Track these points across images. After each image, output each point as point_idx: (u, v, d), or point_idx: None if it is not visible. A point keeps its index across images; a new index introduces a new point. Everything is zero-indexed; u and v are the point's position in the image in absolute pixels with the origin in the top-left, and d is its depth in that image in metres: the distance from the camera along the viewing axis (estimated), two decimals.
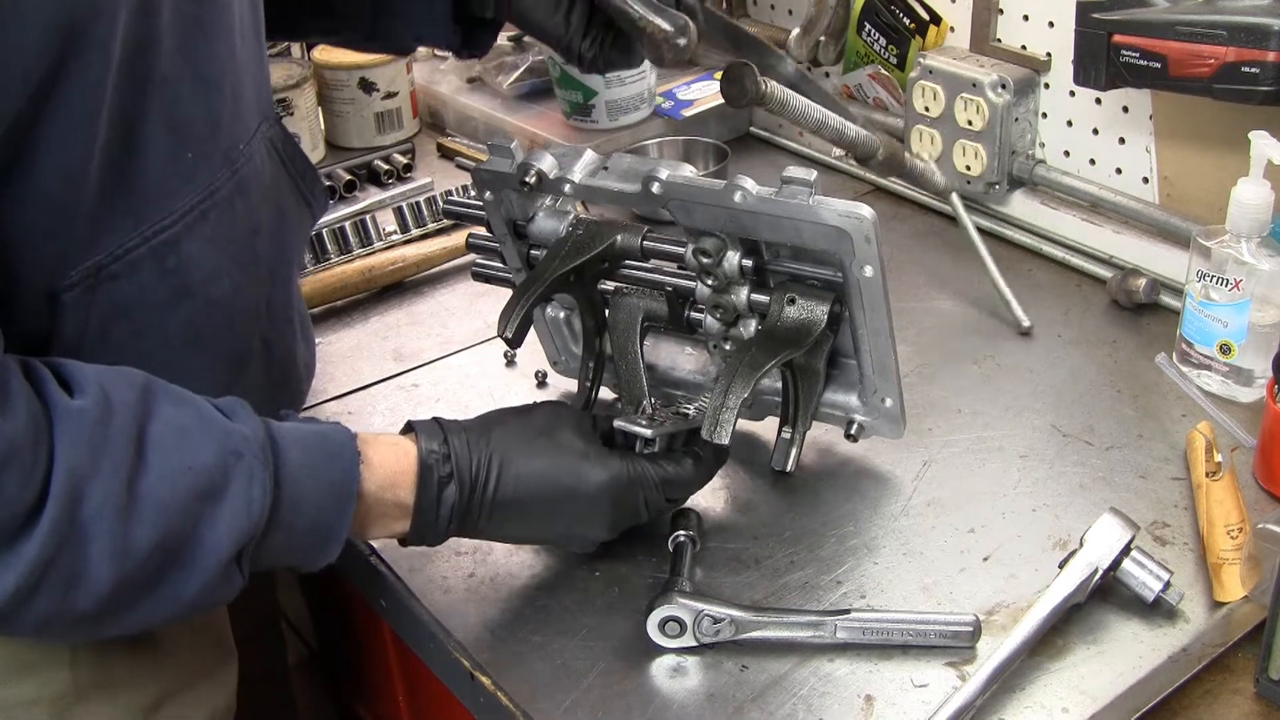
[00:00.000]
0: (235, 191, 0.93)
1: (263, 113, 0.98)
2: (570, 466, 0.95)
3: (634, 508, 0.98)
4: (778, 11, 1.73)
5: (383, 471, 0.90)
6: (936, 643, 0.93)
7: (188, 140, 0.88)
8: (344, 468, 0.87)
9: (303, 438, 0.86)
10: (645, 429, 0.99)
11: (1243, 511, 1.01)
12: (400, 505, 0.91)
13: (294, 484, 0.84)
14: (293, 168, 1.03)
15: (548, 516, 0.96)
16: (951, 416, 1.19)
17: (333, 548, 0.88)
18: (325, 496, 0.86)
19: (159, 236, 0.87)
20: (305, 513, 0.85)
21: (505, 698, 0.92)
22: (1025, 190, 1.46)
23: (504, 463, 0.94)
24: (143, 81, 0.82)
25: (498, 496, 0.93)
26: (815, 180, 0.97)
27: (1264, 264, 1.12)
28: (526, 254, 1.17)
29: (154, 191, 0.86)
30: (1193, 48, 1.15)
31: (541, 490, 0.95)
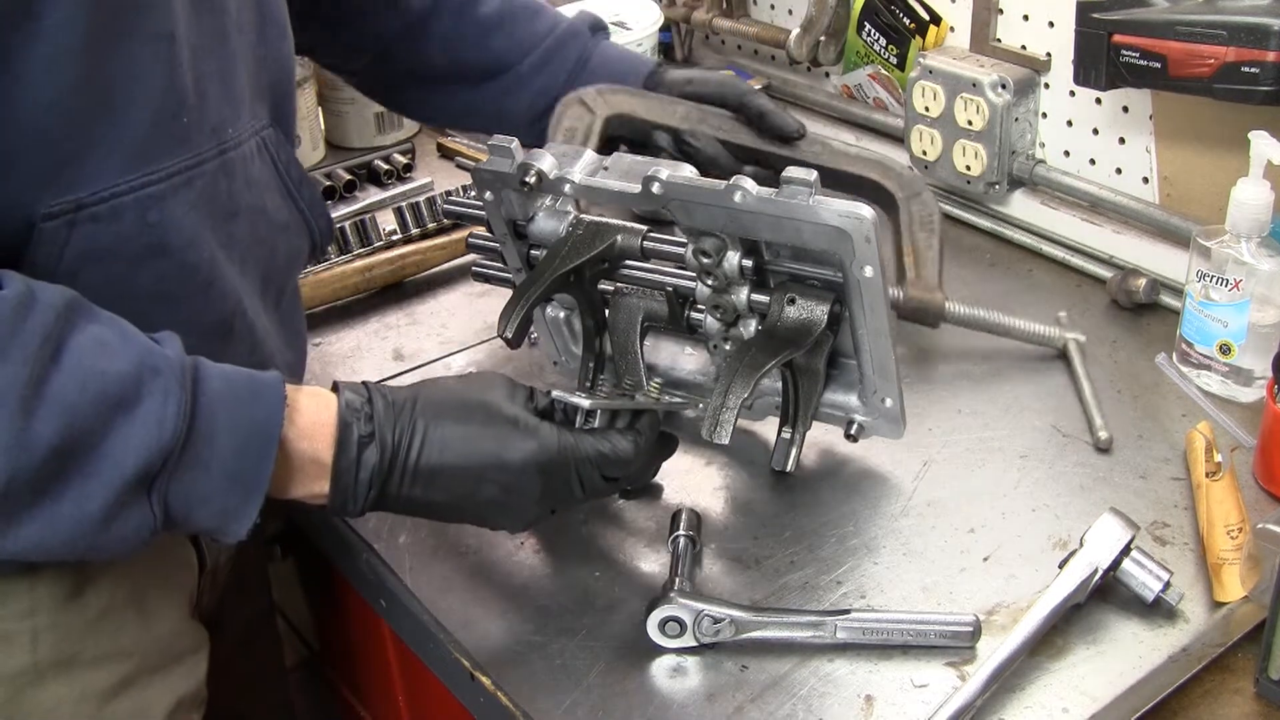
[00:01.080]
0: (220, 170, 0.94)
1: (258, 113, 0.99)
2: (498, 433, 0.92)
3: (566, 482, 0.95)
4: (778, 11, 1.73)
5: (302, 420, 0.87)
6: (936, 643, 0.93)
7: (183, 106, 0.89)
8: (268, 409, 0.85)
9: (230, 373, 0.85)
10: (583, 399, 0.96)
11: (1243, 511, 1.01)
12: (318, 461, 0.88)
13: (212, 416, 0.82)
14: (288, 177, 1.03)
15: (473, 486, 0.92)
16: (951, 416, 1.19)
17: (253, 498, 0.84)
18: (246, 436, 0.84)
19: (146, 189, 0.87)
20: (223, 450, 0.82)
21: (505, 698, 0.92)
22: (1025, 190, 1.46)
23: (429, 426, 0.90)
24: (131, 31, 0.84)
25: (421, 461, 0.90)
26: (815, 180, 0.97)
27: (1264, 264, 1.12)
28: (526, 254, 1.17)
29: (144, 143, 0.87)
30: (1193, 48, 1.15)
31: (466, 457, 0.91)
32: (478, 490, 0.92)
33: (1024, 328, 1.24)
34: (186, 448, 0.80)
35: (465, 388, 0.95)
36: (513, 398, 0.95)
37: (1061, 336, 1.24)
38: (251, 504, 0.84)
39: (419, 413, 0.91)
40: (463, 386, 0.96)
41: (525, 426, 0.93)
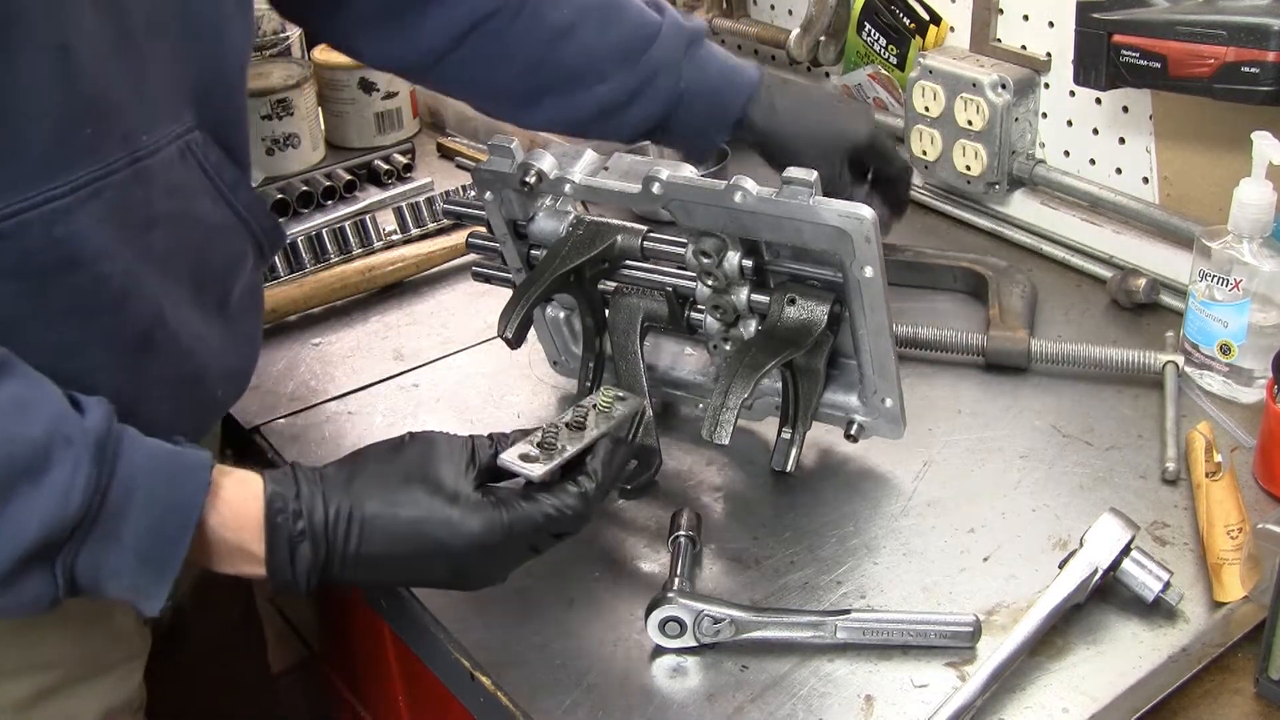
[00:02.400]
0: (134, 179, 0.91)
1: (180, 117, 0.96)
2: (439, 518, 0.87)
3: (517, 553, 0.92)
4: (778, 11, 1.73)
5: (227, 510, 0.84)
6: (936, 643, 0.93)
7: (87, 116, 0.87)
8: (188, 491, 0.82)
9: (156, 450, 0.83)
10: (533, 470, 0.90)
11: (1243, 511, 1.01)
12: (248, 553, 0.85)
13: (129, 491, 0.80)
14: (219, 180, 1.00)
15: (420, 570, 0.90)
16: (951, 416, 1.19)
17: (165, 578, 0.81)
18: (161, 516, 0.81)
19: (50, 204, 0.85)
20: (137, 528, 0.80)
21: (505, 698, 0.92)
22: (1025, 190, 1.46)
23: (365, 518, 0.86)
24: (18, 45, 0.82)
25: (361, 552, 0.86)
26: (815, 181, 0.97)
27: (1266, 265, 1.12)
28: (526, 254, 1.17)
29: (45, 157, 0.85)
30: (1193, 48, 1.15)
31: (408, 546, 0.87)
32: (425, 573, 0.90)
33: (1119, 358, 1.20)
34: (97, 521, 0.78)
35: (402, 462, 0.90)
36: (455, 467, 0.90)
37: (1159, 361, 1.20)
38: (162, 584, 0.82)
39: (354, 499, 0.87)
40: (401, 461, 0.90)
41: (468, 507, 0.88)
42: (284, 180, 1.65)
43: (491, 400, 1.27)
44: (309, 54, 1.82)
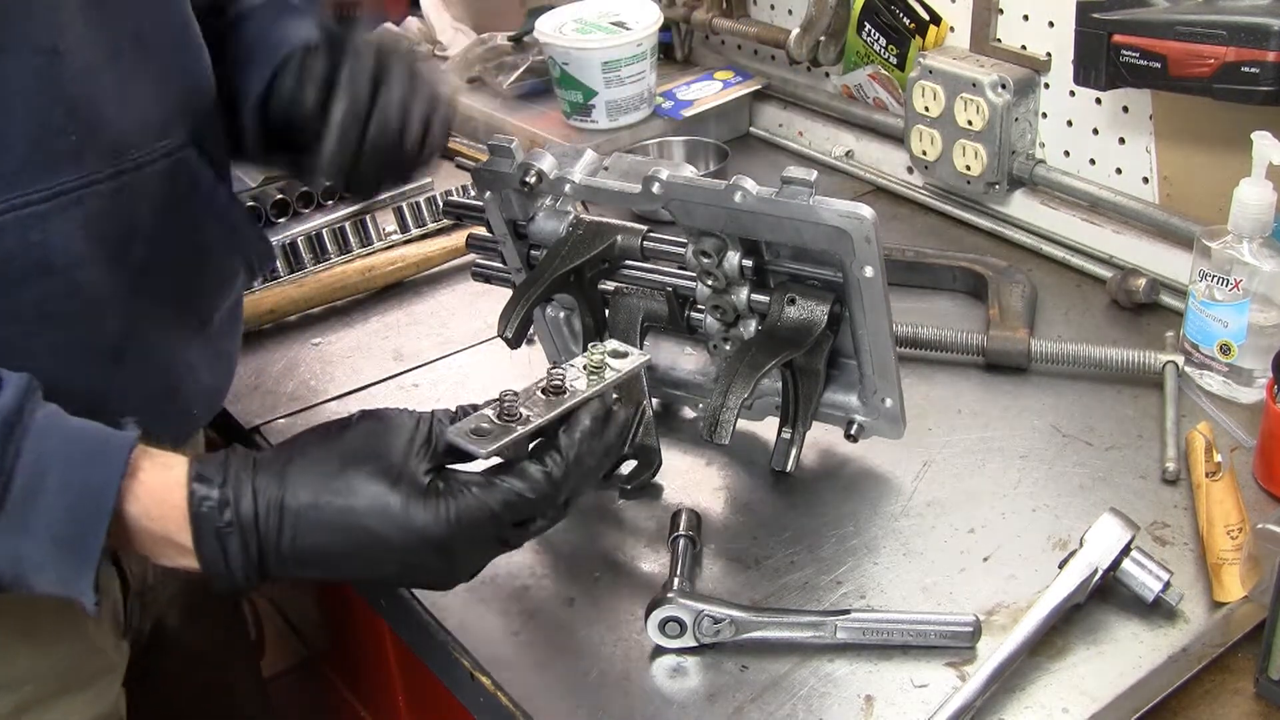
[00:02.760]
0: (118, 191, 0.90)
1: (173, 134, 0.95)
2: (378, 508, 0.78)
3: (481, 549, 0.83)
4: (778, 11, 1.73)
5: (150, 498, 0.78)
6: (936, 643, 0.93)
7: (71, 122, 0.86)
8: (103, 476, 0.76)
9: (74, 432, 0.77)
10: (479, 445, 0.80)
11: (1243, 511, 1.01)
12: (176, 544, 0.79)
13: (40, 475, 0.74)
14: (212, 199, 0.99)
15: (364, 566, 0.81)
16: (951, 416, 1.19)
17: (86, 569, 0.76)
18: (75, 501, 0.75)
19: (28, 208, 0.84)
20: (51, 514, 0.75)
21: (505, 698, 0.92)
22: (1025, 190, 1.46)
23: (298, 509, 0.78)
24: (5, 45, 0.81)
25: (297, 546, 0.78)
26: (815, 180, 0.97)
27: (1266, 264, 1.12)
28: (526, 254, 1.17)
29: (25, 160, 0.84)
30: (1193, 48, 1.15)
31: (346, 539, 0.79)
32: (372, 569, 0.81)
33: (1119, 358, 1.20)
34: (3, 506, 0.74)
35: (344, 444, 0.82)
36: (405, 448, 0.81)
37: (1159, 361, 1.19)
38: (84, 575, 0.76)
39: (286, 487, 0.79)
40: (342, 442, 0.82)
41: (412, 492, 0.79)
42: (284, 180, 1.65)
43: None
44: None
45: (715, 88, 1.73)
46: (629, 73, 1.63)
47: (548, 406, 0.84)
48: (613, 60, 1.61)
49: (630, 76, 1.63)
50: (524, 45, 1.83)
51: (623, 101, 1.65)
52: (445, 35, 1.99)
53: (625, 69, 1.62)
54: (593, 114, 1.66)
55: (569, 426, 0.84)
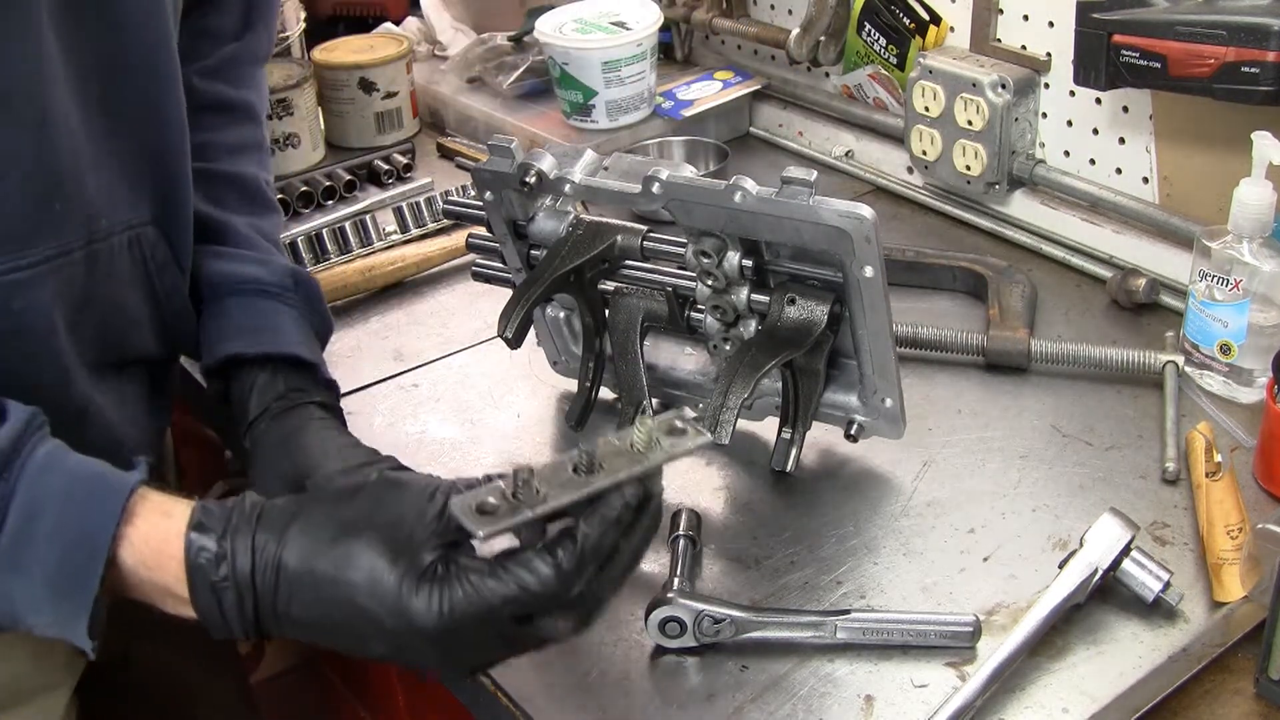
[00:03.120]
0: (85, 260, 0.92)
1: (137, 209, 0.97)
2: (371, 589, 0.72)
3: (481, 645, 0.75)
4: (778, 11, 1.73)
5: (146, 547, 0.75)
6: (936, 643, 0.93)
7: (57, 191, 0.88)
8: (98, 521, 0.74)
9: (75, 470, 0.76)
10: (479, 525, 0.71)
11: (1243, 511, 1.01)
12: (174, 595, 0.76)
13: (36, 516, 0.72)
14: (157, 280, 1.00)
15: (356, 642, 0.75)
16: (951, 416, 1.19)
17: (80, 614, 0.73)
18: (70, 545, 0.73)
19: (12, 275, 0.86)
20: (45, 556, 0.73)
21: (505, 698, 0.92)
22: (1025, 190, 1.46)
23: (294, 574, 0.74)
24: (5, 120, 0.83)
25: (290, 612, 0.74)
26: (815, 180, 0.97)
27: (1266, 265, 1.12)
28: (526, 254, 1.17)
29: (13, 229, 0.86)
30: (1193, 48, 1.15)
31: (337, 613, 0.74)
32: (365, 647, 0.76)
33: (1119, 358, 1.20)
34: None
35: (353, 508, 0.77)
36: (415, 521, 0.75)
37: (1159, 361, 1.19)
38: (79, 620, 0.73)
39: (284, 547, 0.74)
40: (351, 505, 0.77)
41: (410, 574, 0.72)
42: (284, 180, 1.65)
43: (491, 400, 1.26)
44: (309, 54, 1.82)
45: (715, 88, 1.73)
46: (629, 73, 1.63)
47: (570, 487, 0.73)
48: (613, 60, 1.61)
49: (630, 76, 1.63)
50: (524, 45, 1.83)
51: (623, 101, 1.65)
52: (445, 35, 1.99)
53: (625, 69, 1.62)
54: (593, 114, 1.66)
55: (591, 513, 0.74)
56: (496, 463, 1.17)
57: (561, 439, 1.20)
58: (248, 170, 1.18)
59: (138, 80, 0.96)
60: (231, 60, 1.17)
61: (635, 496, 0.75)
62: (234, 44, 1.17)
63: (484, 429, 1.22)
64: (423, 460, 1.11)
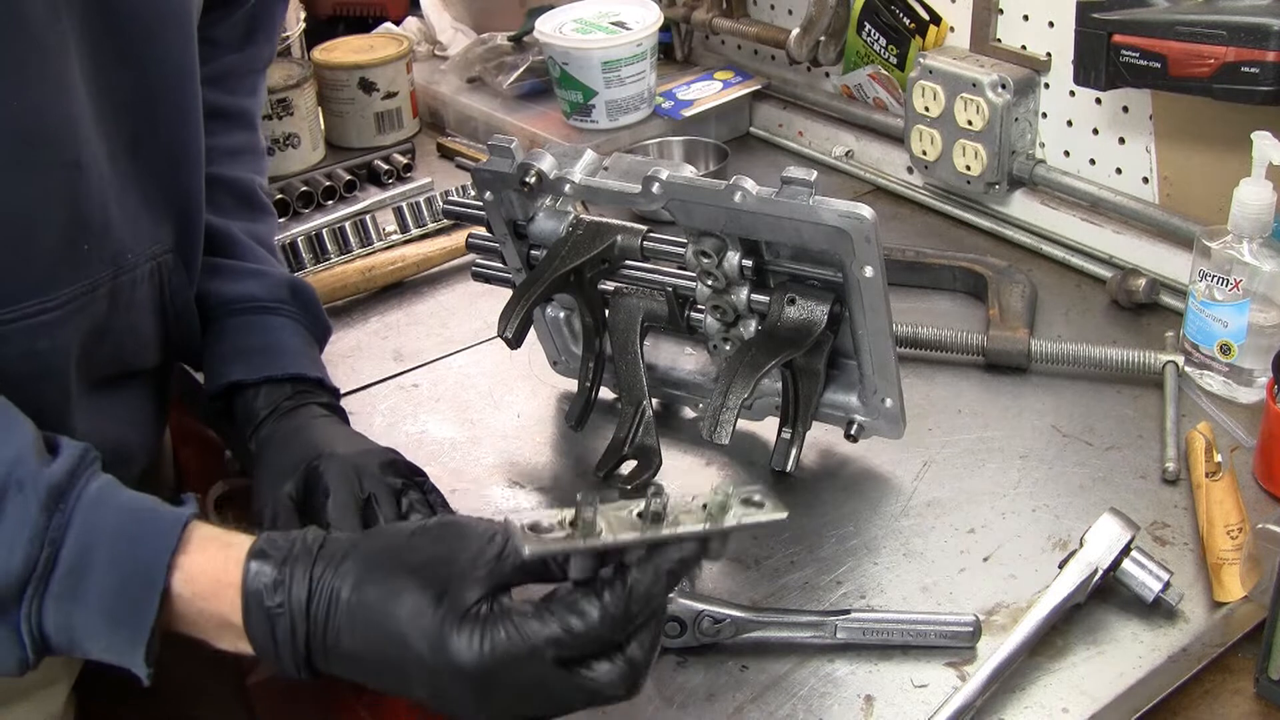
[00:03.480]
0: (108, 295, 0.94)
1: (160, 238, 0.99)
2: (415, 625, 0.71)
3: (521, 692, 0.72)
4: (778, 11, 1.73)
5: (204, 578, 0.75)
6: (936, 643, 0.93)
7: (86, 233, 0.89)
8: (153, 553, 0.75)
9: (128, 504, 0.77)
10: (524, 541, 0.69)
11: (1243, 511, 1.01)
12: (231, 626, 0.75)
13: (89, 548, 0.73)
14: (170, 305, 1.02)
15: (399, 683, 0.74)
16: (951, 416, 1.19)
17: (138, 644, 0.74)
18: (126, 577, 0.74)
19: (40, 316, 0.87)
20: (101, 588, 0.73)
21: None
22: (1025, 190, 1.46)
23: (346, 608, 0.73)
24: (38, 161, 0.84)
25: (341, 646, 0.74)
26: (815, 180, 0.97)
27: (1266, 265, 1.12)
28: (526, 254, 1.17)
29: (45, 271, 0.87)
30: (1193, 48, 1.15)
31: (383, 649, 0.73)
32: (408, 686, 0.74)
33: (1119, 358, 1.20)
34: (52, 576, 0.73)
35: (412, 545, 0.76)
36: (470, 561, 0.73)
37: (1159, 361, 1.19)
38: (136, 649, 0.74)
39: (342, 578, 0.74)
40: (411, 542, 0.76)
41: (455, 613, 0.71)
42: (284, 180, 1.65)
43: (491, 400, 1.26)
44: (309, 54, 1.82)
45: (715, 88, 1.73)
46: (629, 73, 1.63)
47: (631, 529, 0.70)
48: (613, 60, 1.61)
49: (630, 76, 1.63)
50: (524, 45, 1.83)
51: (623, 101, 1.65)
52: (445, 35, 1.99)
53: (625, 69, 1.62)
54: (593, 114, 1.66)
55: (646, 561, 0.71)
56: (497, 463, 1.17)
57: (561, 439, 1.20)
58: (243, 175, 1.20)
59: (165, 116, 0.98)
60: (232, 70, 1.19)
61: (694, 555, 0.73)
62: (235, 54, 1.19)
63: (484, 429, 1.22)
64: (422, 460, 1.10)
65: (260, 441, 1.06)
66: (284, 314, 1.13)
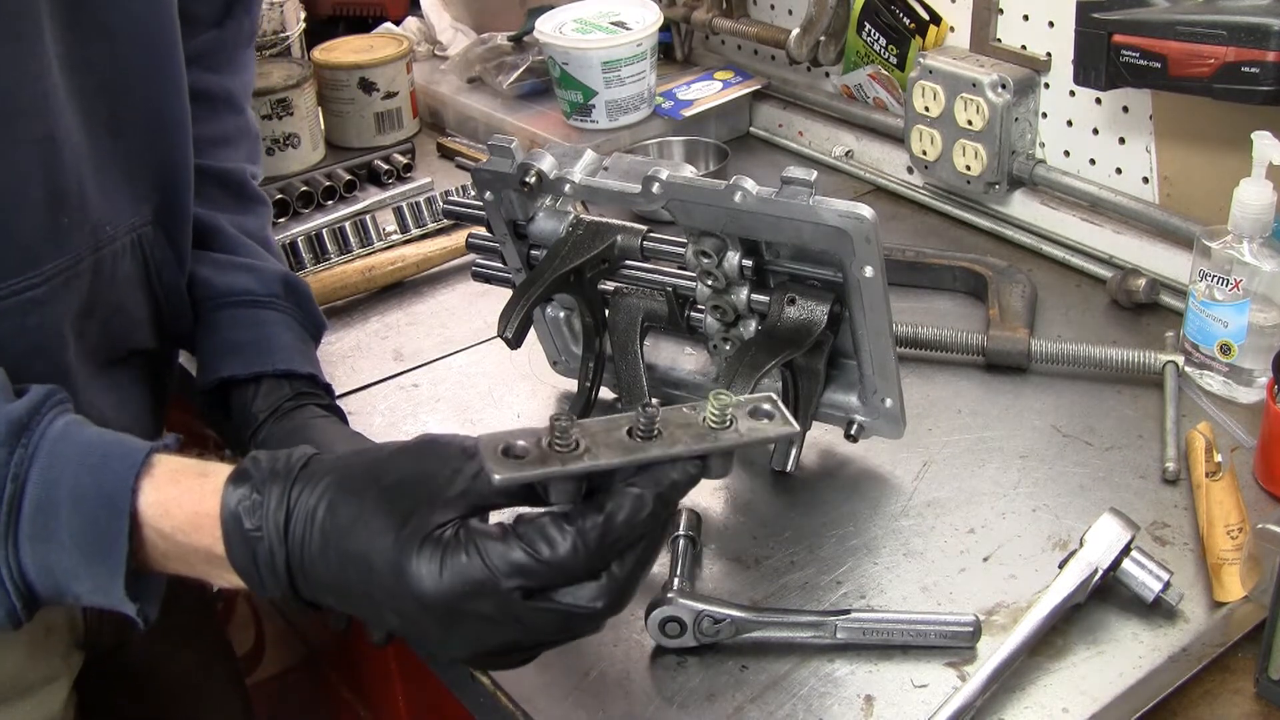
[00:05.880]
0: (92, 269, 0.93)
1: (140, 211, 0.99)
2: (379, 548, 0.68)
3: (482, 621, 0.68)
4: (778, 11, 1.73)
5: (181, 511, 0.73)
6: (936, 643, 0.93)
7: (64, 207, 0.89)
8: (114, 479, 0.72)
9: (92, 439, 0.75)
10: (495, 467, 0.65)
11: (1243, 511, 1.01)
12: (214, 556, 0.73)
13: (55, 483, 0.72)
14: (157, 279, 1.02)
15: (369, 608, 0.72)
16: (951, 416, 1.19)
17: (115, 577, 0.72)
18: (93, 508, 0.72)
19: (27, 293, 0.87)
20: (71, 523, 0.72)
21: (505, 698, 0.92)
22: (1025, 190, 1.46)
23: (321, 530, 0.70)
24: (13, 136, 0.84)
25: (317, 571, 0.71)
26: (815, 180, 0.97)
27: (1266, 265, 1.12)
28: (526, 254, 1.17)
29: (26, 247, 0.87)
30: (1193, 48, 1.15)
31: (350, 572, 0.70)
32: (380, 616, 0.72)
33: (1119, 358, 1.20)
34: (19, 512, 0.71)
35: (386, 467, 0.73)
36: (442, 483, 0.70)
37: (1159, 361, 1.19)
38: (116, 582, 0.72)
39: (319, 499, 0.71)
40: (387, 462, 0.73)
41: (420, 536, 0.68)
42: (284, 180, 1.65)
43: (491, 400, 1.26)
44: (309, 54, 1.82)
45: (715, 88, 1.73)
46: (629, 73, 1.63)
47: (617, 449, 0.64)
48: (613, 60, 1.61)
49: (630, 76, 1.63)
50: (524, 45, 1.83)
51: (623, 101, 1.65)
52: (445, 35, 1.99)
53: (625, 69, 1.62)
54: (593, 114, 1.66)
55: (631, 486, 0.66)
56: None
57: None
58: (231, 164, 1.17)
59: (143, 88, 0.97)
60: (211, 47, 1.15)
61: (690, 478, 0.67)
62: (214, 30, 1.15)
63: (484, 429, 1.20)
64: None
65: (259, 443, 1.06)
66: (278, 309, 1.12)
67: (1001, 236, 1.47)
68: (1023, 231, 1.46)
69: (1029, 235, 1.45)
